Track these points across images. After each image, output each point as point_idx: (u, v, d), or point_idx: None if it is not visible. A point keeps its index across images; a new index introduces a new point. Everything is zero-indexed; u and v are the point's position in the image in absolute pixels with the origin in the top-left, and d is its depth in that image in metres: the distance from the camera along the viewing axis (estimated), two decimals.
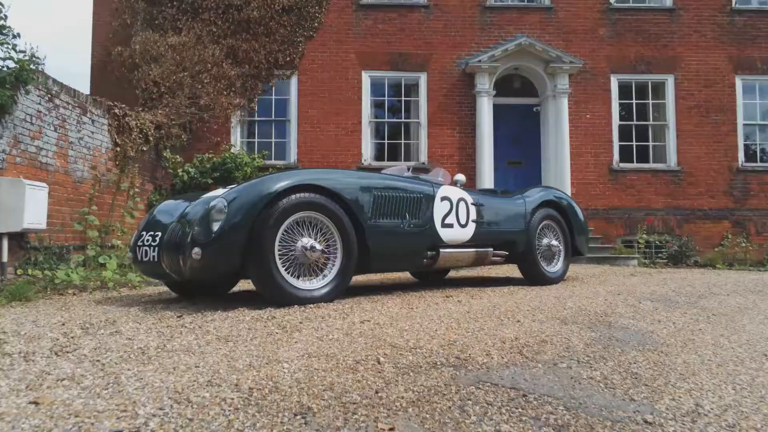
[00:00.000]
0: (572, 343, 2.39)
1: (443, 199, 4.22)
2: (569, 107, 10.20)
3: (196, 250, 3.17)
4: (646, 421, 1.47)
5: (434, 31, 10.36)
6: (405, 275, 6.13)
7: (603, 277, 6.02)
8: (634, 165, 10.36)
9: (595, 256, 8.66)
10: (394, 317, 2.92)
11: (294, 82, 10.22)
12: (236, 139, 10.07)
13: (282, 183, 3.35)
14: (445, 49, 10.34)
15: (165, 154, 8.58)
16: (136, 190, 7.20)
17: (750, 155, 10.48)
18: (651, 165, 10.39)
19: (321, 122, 10.18)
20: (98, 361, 1.93)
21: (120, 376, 1.70)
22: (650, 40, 10.46)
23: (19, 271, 5.19)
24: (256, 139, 10.28)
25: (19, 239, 5.46)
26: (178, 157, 8.76)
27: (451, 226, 4.24)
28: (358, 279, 5.36)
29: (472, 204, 4.46)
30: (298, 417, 1.34)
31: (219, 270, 3.31)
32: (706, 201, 10.26)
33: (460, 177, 4.70)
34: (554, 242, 5.05)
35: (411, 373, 1.78)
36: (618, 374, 1.94)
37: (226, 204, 3.23)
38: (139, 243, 3.75)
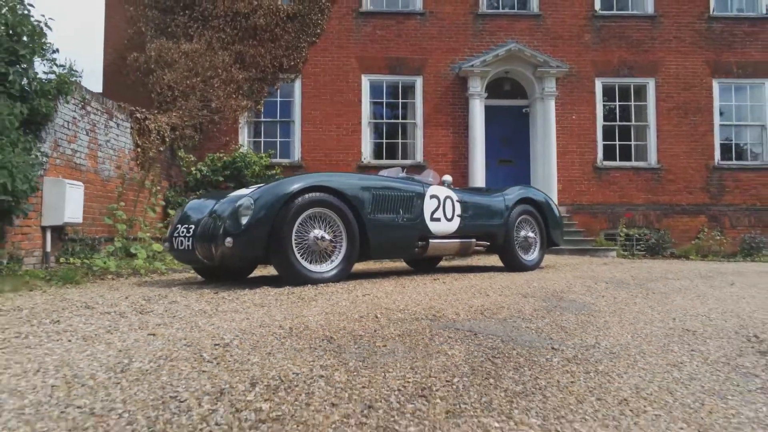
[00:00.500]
0: (524, 309, 3.16)
1: (432, 197, 4.99)
2: (556, 109, 10.96)
3: (228, 239, 3.93)
4: (553, 348, 2.24)
5: (430, 37, 11.10)
6: (401, 264, 6.90)
7: (577, 265, 6.80)
8: (617, 163, 11.14)
9: (577, 248, 9.44)
10: (389, 293, 3.69)
11: (298, 85, 10.97)
12: (244, 138, 10.82)
13: (297, 185, 4.11)
14: (440, 54, 11.08)
15: (179, 154, 9.33)
16: (157, 188, 7.95)
17: (726, 154, 11.25)
18: (633, 163, 11.16)
19: (323, 123, 10.93)
20: (174, 316, 2.69)
21: (197, 323, 2.47)
22: (633, 46, 11.21)
23: (61, 260, 5.95)
24: (262, 139, 11.04)
25: (59, 232, 6.22)
26: (191, 156, 9.51)
27: (438, 220, 5.01)
28: (358, 267, 6.13)
29: (457, 201, 5.23)
30: (324, 341, 2.11)
31: (247, 256, 4.07)
32: (684, 197, 11.04)
33: (448, 177, 5.47)
34: (530, 234, 5.83)
35: (399, 323, 2.55)
36: (549, 326, 2.71)
37: (252, 202, 3.99)
38: (175, 234, 4.51)
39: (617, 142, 11.22)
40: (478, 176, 10.75)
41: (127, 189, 7.66)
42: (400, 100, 11.21)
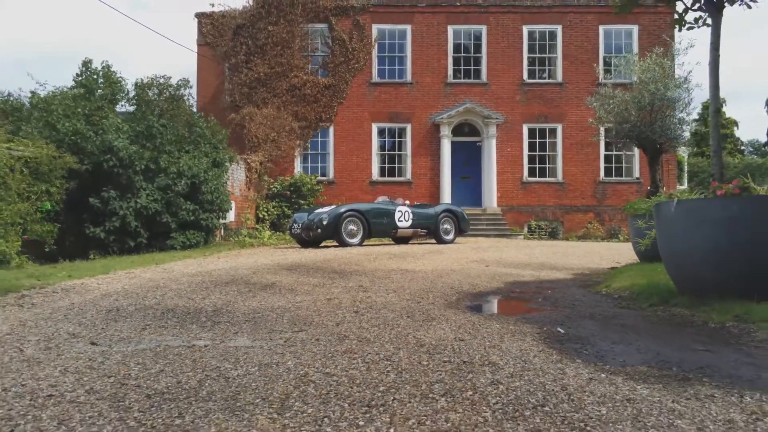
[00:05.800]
0: (417, 252, 10.52)
1: (398, 211, 12.35)
2: (497, 145, 18.18)
3: (319, 229, 11.38)
4: (413, 257, 9.60)
5: (415, 98, 18.37)
6: (388, 241, 14.30)
7: (481, 242, 14.08)
8: (537, 179, 18.34)
9: (500, 233, 16.70)
10: (380, 249, 11.08)
11: (331, 130, 18.35)
12: (298, 164, 18.28)
13: (344, 209, 11.55)
14: (422, 109, 18.35)
15: (264, 178, 16.82)
16: (261, 201, 15.49)
17: (608, 173, 18.38)
18: (547, 179, 18.36)
19: (347, 154, 18.32)
20: (314, 251, 10.15)
21: (323, 253, 9.91)
22: (548, 103, 18.35)
23: (233, 239, 13.50)
24: (309, 164, 18.48)
25: (224, 226, 13.75)
26: (270, 179, 17.02)
27: (402, 221, 12.38)
28: (368, 242, 13.51)
29: (411, 212, 12.58)
30: (359, 254, 9.48)
31: (325, 236, 11.52)
32: (579, 200, 18.23)
33: (407, 202, 12.84)
34: (449, 226, 13.16)
35: (376, 255, 9.94)
36: (420, 253, 10.05)
37: (327, 215, 11.42)
38: (292, 227, 12.02)
39: (537, 165, 18.42)
40: (446, 188, 18.06)
41: (245, 201, 15.18)
42: (397, 139, 18.54)
